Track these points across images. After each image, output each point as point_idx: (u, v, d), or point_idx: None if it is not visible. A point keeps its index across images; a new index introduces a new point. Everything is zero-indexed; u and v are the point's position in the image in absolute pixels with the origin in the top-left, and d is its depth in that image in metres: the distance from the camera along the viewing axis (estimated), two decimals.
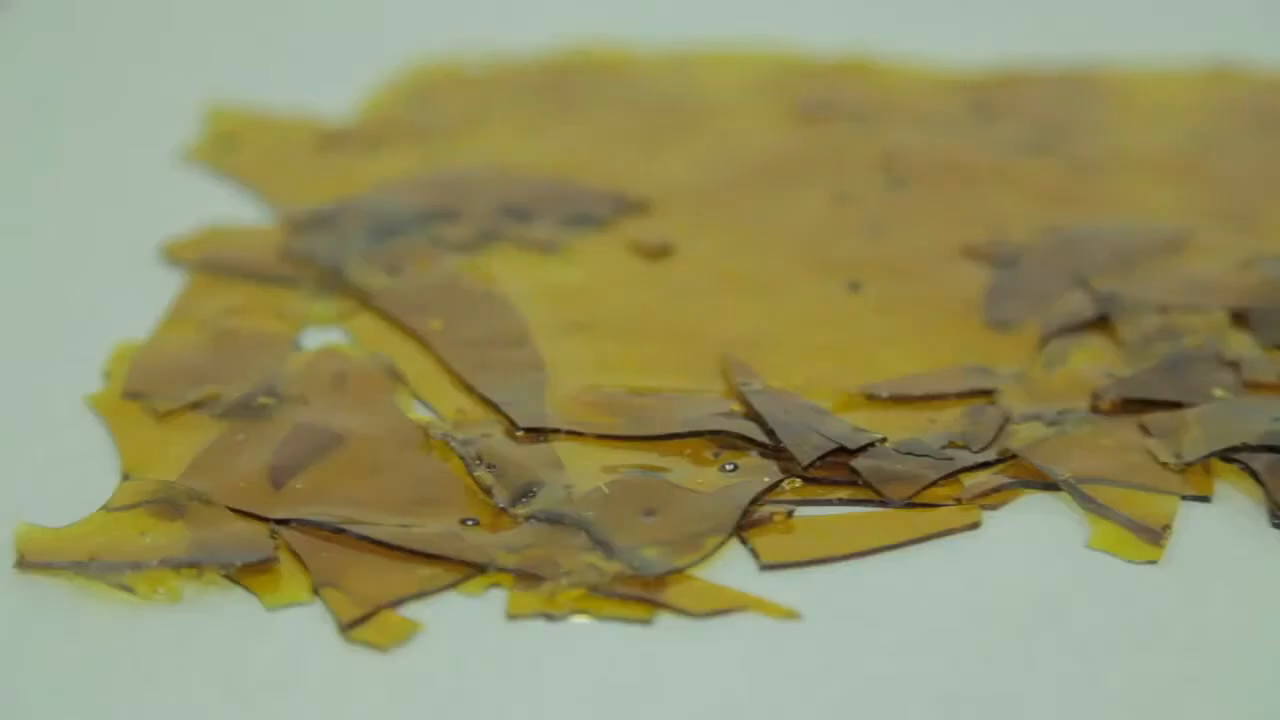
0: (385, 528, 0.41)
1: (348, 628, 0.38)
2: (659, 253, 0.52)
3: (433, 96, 0.61)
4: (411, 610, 0.39)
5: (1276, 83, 0.60)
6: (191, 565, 0.39)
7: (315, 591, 0.39)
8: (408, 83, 0.62)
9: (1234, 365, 0.45)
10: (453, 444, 0.43)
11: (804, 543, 0.40)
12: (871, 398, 0.45)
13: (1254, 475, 0.42)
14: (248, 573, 0.40)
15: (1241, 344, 0.46)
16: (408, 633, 0.38)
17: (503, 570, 0.40)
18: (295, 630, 0.38)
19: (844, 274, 0.50)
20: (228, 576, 0.39)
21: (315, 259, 0.51)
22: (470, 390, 0.45)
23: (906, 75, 0.62)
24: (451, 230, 0.52)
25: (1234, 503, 0.41)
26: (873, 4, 0.68)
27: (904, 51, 0.63)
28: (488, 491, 0.42)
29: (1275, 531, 0.40)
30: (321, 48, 0.65)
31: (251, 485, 0.42)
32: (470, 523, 0.41)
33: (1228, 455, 0.42)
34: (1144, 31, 0.65)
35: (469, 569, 0.40)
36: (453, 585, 0.39)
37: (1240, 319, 0.47)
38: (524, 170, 0.56)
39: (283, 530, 0.41)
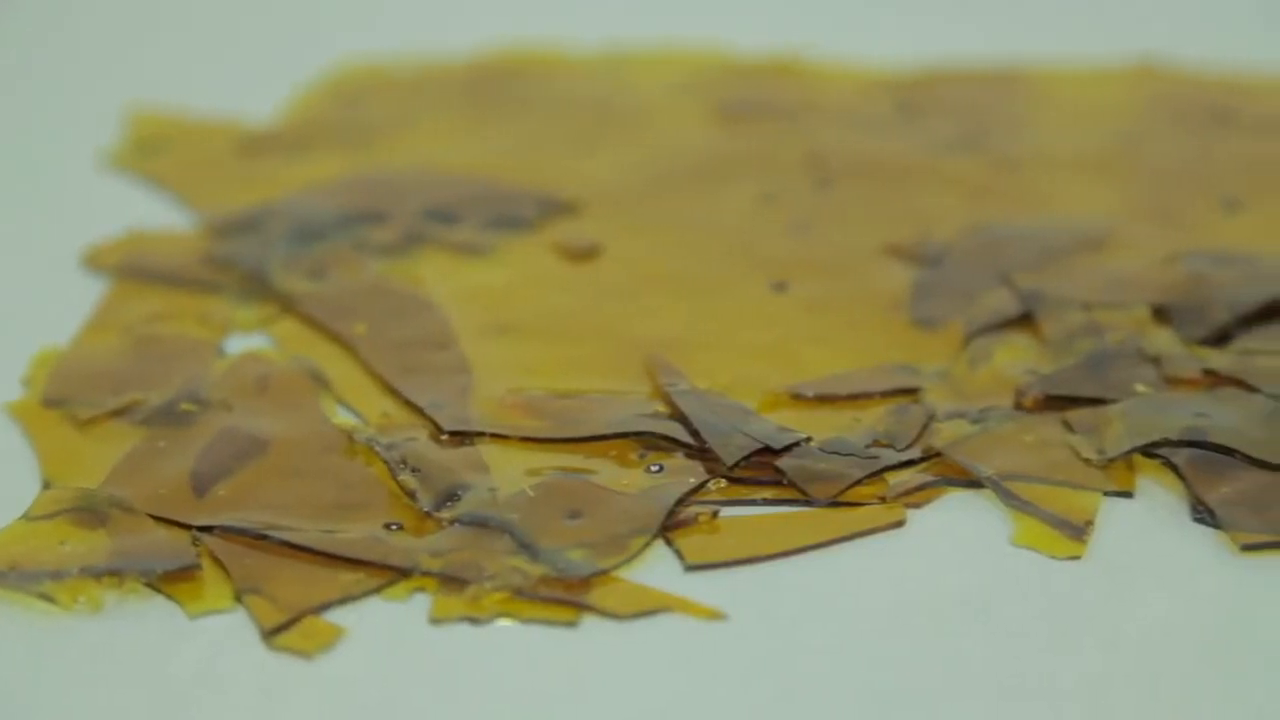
0: (308, 533, 0.40)
1: (271, 634, 0.38)
2: (586, 254, 0.52)
3: (358, 99, 0.61)
4: (335, 616, 0.39)
5: (1198, 80, 0.60)
6: (112, 573, 0.39)
7: (238, 598, 0.39)
8: (333, 85, 0.62)
9: (1156, 361, 0.45)
10: (377, 448, 0.43)
11: (729, 543, 0.40)
12: (797, 397, 0.45)
13: (1175, 470, 0.42)
14: (169, 580, 0.39)
15: (1163, 340, 0.46)
16: (331, 638, 0.38)
17: (427, 574, 0.39)
18: (218, 637, 0.38)
19: (770, 273, 0.50)
20: (149, 584, 0.39)
21: (238, 264, 0.50)
22: (395, 394, 0.45)
23: (833, 75, 0.62)
24: (376, 233, 0.52)
25: (1156, 497, 0.42)
26: (800, 5, 0.68)
27: (831, 52, 0.63)
28: (412, 495, 0.42)
29: (1196, 526, 0.41)
30: (246, 51, 0.65)
31: (173, 492, 0.42)
32: (394, 527, 0.41)
33: (1149, 450, 0.42)
34: (1068, 30, 0.65)
35: (393, 573, 0.39)
36: (377, 590, 0.39)
37: (1162, 315, 0.47)
38: (450, 172, 0.56)
39: (205, 537, 0.40)
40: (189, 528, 0.41)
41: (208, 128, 0.59)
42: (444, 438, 0.43)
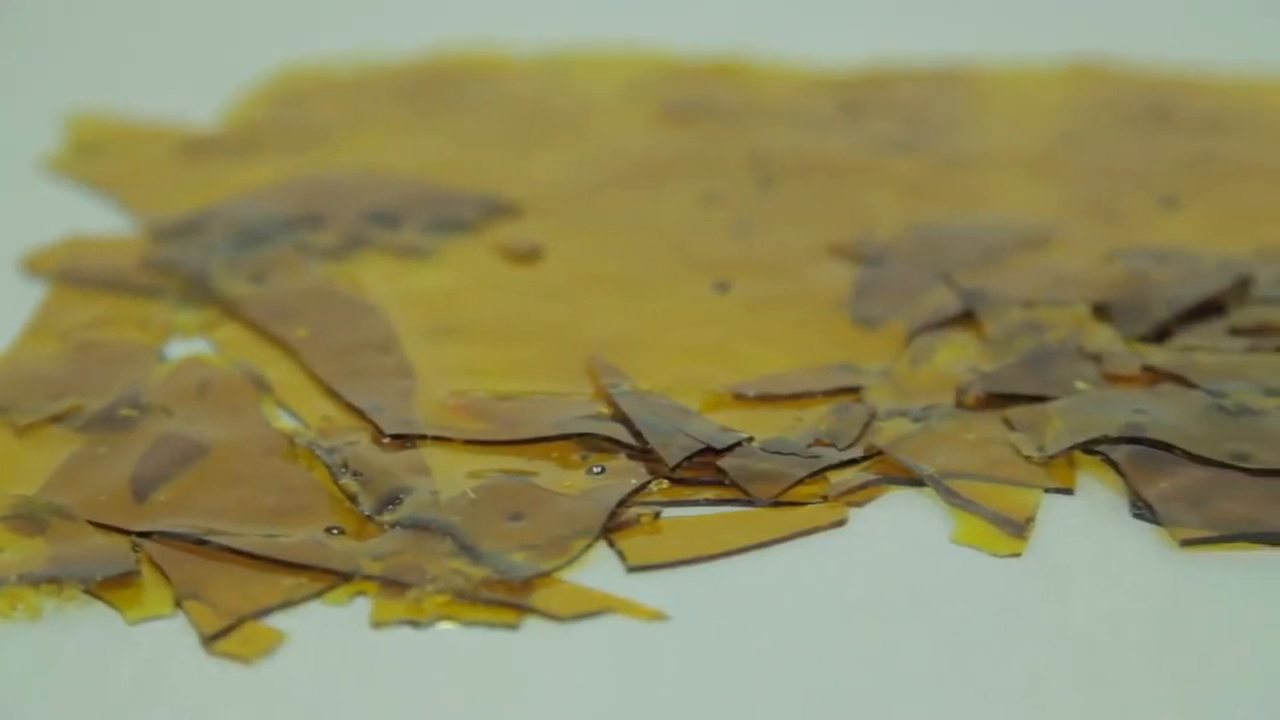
0: (249, 538, 0.40)
1: (211, 640, 0.38)
2: (527, 255, 0.52)
3: (300, 102, 0.61)
4: (276, 620, 0.38)
5: (1137, 79, 0.61)
6: (51, 580, 0.39)
7: (178, 604, 0.39)
8: (275, 89, 0.62)
9: (1096, 358, 0.45)
10: (318, 452, 0.43)
11: (671, 543, 0.40)
12: (739, 397, 0.45)
13: (1115, 467, 0.42)
14: (109, 587, 0.39)
15: (1103, 337, 0.46)
16: (272, 643, 0.38)
17: (368, 578, 0.39)
18: (158, 644, 0.38)
19: (712, 273, 0.50)
20: (88, 591, 0.39)
21: (179, 268, 0.50)
22: (336, 397, 0.45)
23: (776, 75, 0.62)
24: (318, 237, 0.52)
25: (1096, 494, 0.42)
26: (743, 5, 0.68)
27: (774, 52, 0.63)
28: (353, 499, 0.41)
29: (1136, 522, 0.41)
30: (187, 54, 0.64)
31: (113, 498, 0.41)
32: (336, 531, 0.41)
33: (1089, 447, 0.42)
34: (1009, 30, 0.65)
35: (334, 577, 0.39)
36: (318, 594, 0.39)
37: (1102, 312, 0.47)
38: (392, 175, 0.56)
39: (145, 543, 0.40)
40: (129, 534, 0.40)
41: (149, 131, 0.59)
42: (386, 441, 0.43)
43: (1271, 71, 0.61)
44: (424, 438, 0.43)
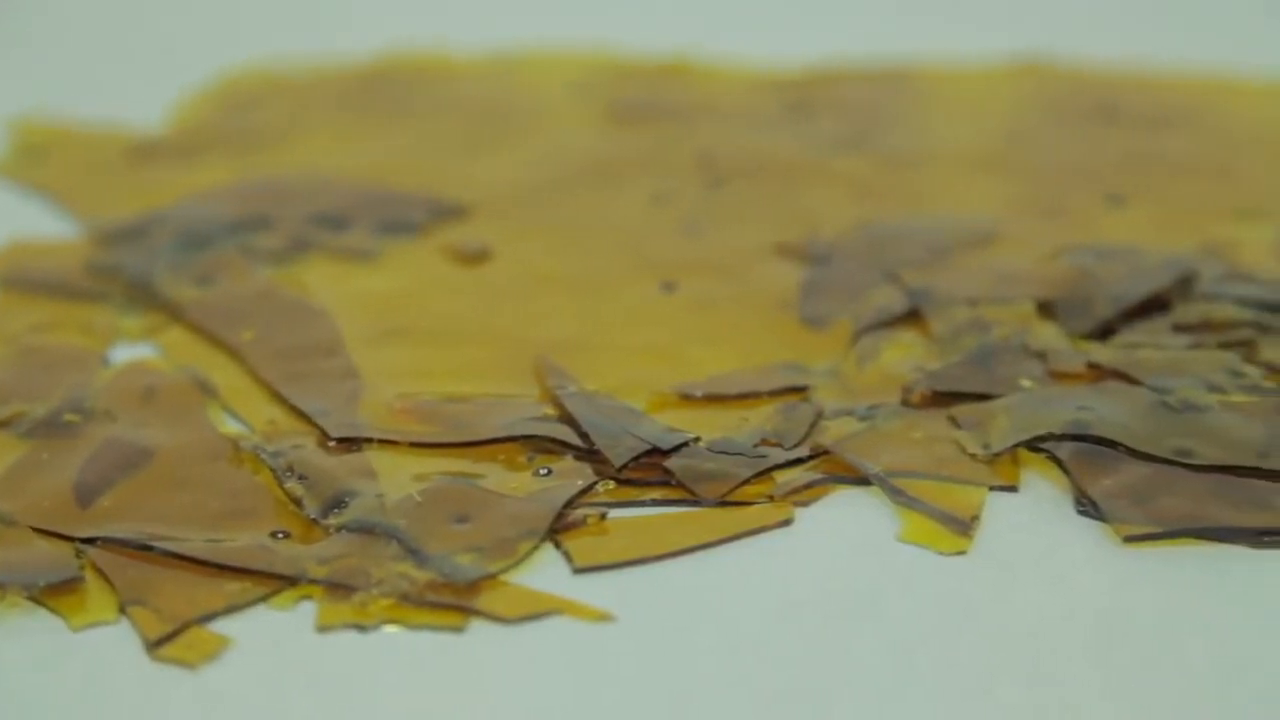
0: (193, 543, 0.40)
1: (155, 645, 0.38)
2: (475, 257, 0.51)
3: (248, 105, 0.61)
4: (220, 625, 0.38)
5: (1083, 76, 0.61)
6: None
7: (122, 610, 0.39)
8: (222, 92, 0.61)
9: (1041, 356, 0.45)
10: (263, 456, 0.43)
11: (618, 544, 0.40)
12: (686, 397, 0.45)
13: (1060, 464, 0.42)
14: (52, 593, 0.39)
15: (1048, 334, 0.46)
16: (216, 648, 0.38)
17: (313, 582, 0.39)
18: (102, 650, 0.38)
19: (660, 274, 0.50)
20: (31, 598, 0.39)
21: (124, 272, 0.50)
22: (282, 401, 0.45)
23: (724, 76, 0.62)
24: (264, 240, 0.52)
25: (1041, 491, 0.42)
26: (691, 6, 0.68)
27: (722, 52, 0.63)
28: (298, 503, 0.41)
29: (1081, 519, 0.41)
30: (134, 57, 0.64)
31: (57, 504, 0.41)
32: (281, 535, 0.41)
33: (1034, 445, 0.43)
34: (955, 29, 0.65)
35: (279, 582, 0.39)
36: (263, 599, 0.39)
37: (1047, 310, 0.47)
38: (339, 177, 0.55)
39: (89, 549, 0.40)
40: (72, 540, 0.40)
41: (94, 135, 0.58)
42: (331, 444, 0.43)
43: (1214, 69, 0.61)
44: (370, 441, 0.43)
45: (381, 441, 0.43)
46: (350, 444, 0.43)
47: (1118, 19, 0.66)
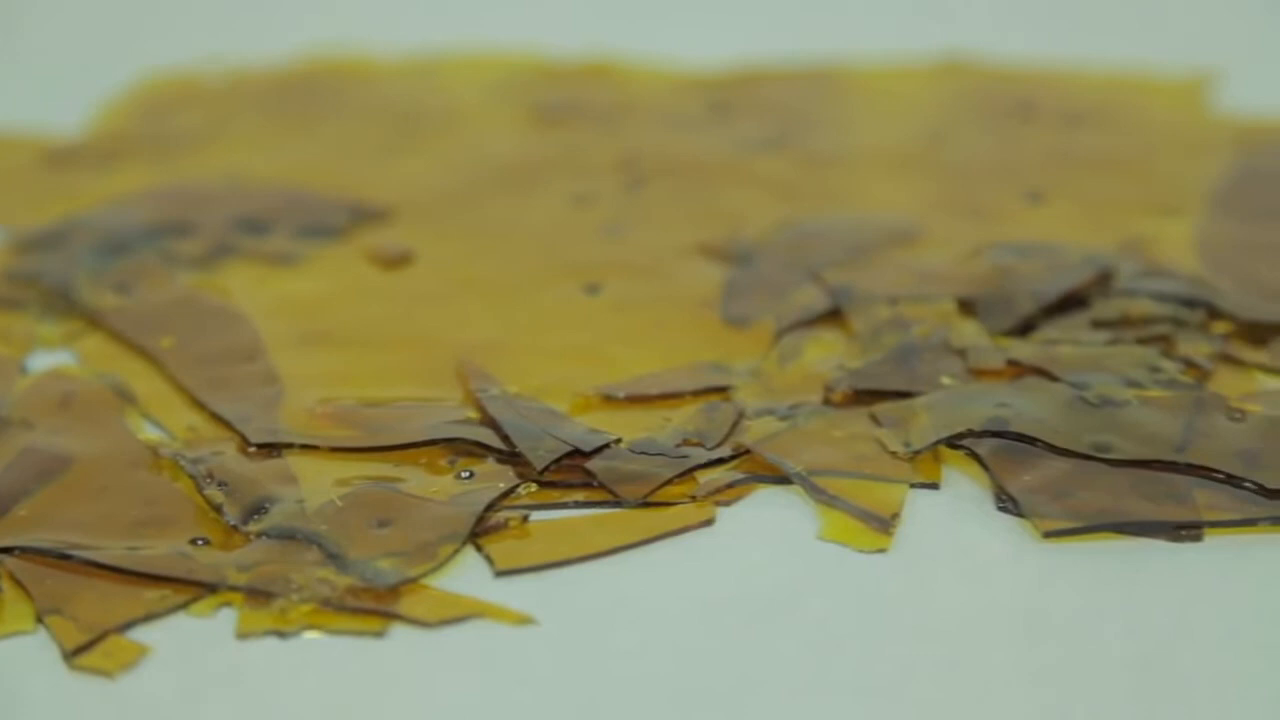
0: (112, 551, 0.40)
1: (73, 655, 0.37)
2: (397, 261, 0.51)
3: (167, 110, 0.60)
4: (139, 634, 0.38)
5: (1004, 75, 0.61)
6: None
7: (39, 620, 0.38)
8: (141, 97, 0.61)
9: (961, 353, 0.46)
10: (182, 463, 0.42)
11: (539, 547, 0.40)
12: (608, 399, 0.45)
13: (979, 461, 0.42)
14: None
15: (969, 332, 0.47)
16: (134, 657, 0.37)
17: (233, 589, 0.39)
18: (19, 660, 0.37)
19: (582, 276, 0.50)
20: None
21: (42, 279, 0.50)
22: (202, 408, 0.45)
23: (646, 76, 0.62)
24: (184, 245, 0.52)
25: (961, 488, 0.42)
26: (612, 6, 0.68)
27: (643, 52, 0.63)
28: (218, 510, 0.41)
29: (1001, 515, 0.41)
30: (51, 63, 0.64)
31: None
32: (201, 542, 0.40)
33: (954, 442, 0.43)
34: (876, 28, 0.66)
35: (198, 589, 0.39)
36: (182, 607, 0.39)
37: (968, 307, 0.48)
38: (260, 182, 0.55)
39: (5, 559, 0.40)
40: None
41: (11, 141, 0.58)
42: (252, 450, 0.43)
43: (1131, 67, 0.61)
44: (290, 446, 0.43)
45: (302, 447, 0.43)
46: (271, 450, 0.43)
47: (1035, 16, 0.66)
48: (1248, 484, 0.41)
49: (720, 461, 0.43)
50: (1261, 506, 0.41)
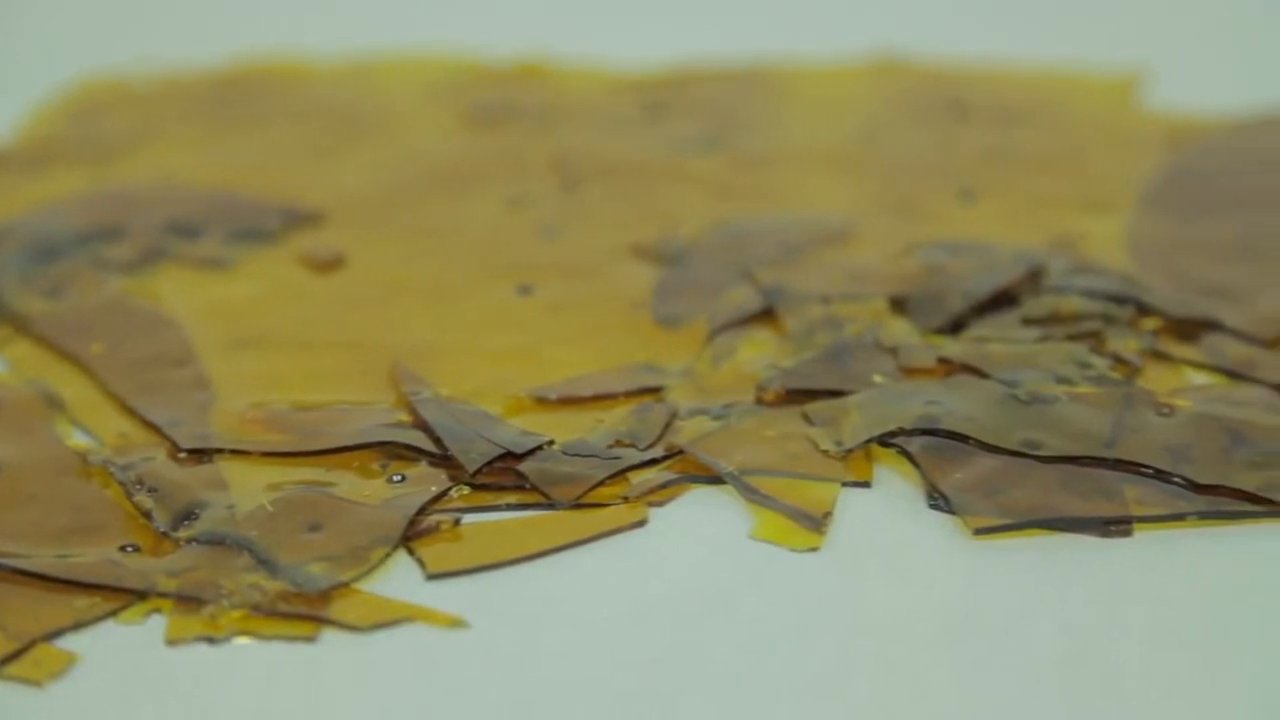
0: (40, 559, 0.39)
1: (1, 664, 0.37)
2: (330, 264, 0.51)
3: (99, 114, 0.60)
4: (68, 642, 0.38)
5: (936, 74, 0.62)
6: None
7: None
8: (72, 101, 0.61)
9: (893, 351, 0.46)
10: (112, 469, 0.42)
11: (471, 550, 0.40)
12: (541, 400, 0.45)
13: (910, 459, 0.42)
14: None
15: (900, 330, 0.47)
16: (63, 665, 0.37)
17: (163, 595, 0.39)
18: None
19: (516, 277, 0.50)
20: None
21: None
22: (132, 413, 0.45)
23: (579, 77, 0.62)
24: (115, 250, 0.51)
25: (893, 486, 0.42)
26: (546, 7, 0.68)
27: (577, 54, 0.63)
28: (147, 516, 0.41)
29: (932, 513, 0.41)
30: None
31: None
32: (130, 549, 0.40)
33: (886, 440, 0.43)
34: (808, 28, 0.66)
35: (128, 596, 0.39)
36: (111, 614, 0.38)
37: (899, 306, 0.48)
38: (192, 186, 0.55)
39: None
40: None
41: None
42: (182, 456, 0.43)
43: (1061, 65, 0.62)
44: (221, 451, 0.43)
45: (233, 452, 0.43)
46: (202, 455, 0.43)
47: (968, 14, 0.67)
48: (1176, 479, 0.41)
49: (653, 462, 0.43)
50: (1190, 501, 0.41)
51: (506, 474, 0.42)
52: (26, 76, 0.61)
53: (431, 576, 0.40)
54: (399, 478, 0.42)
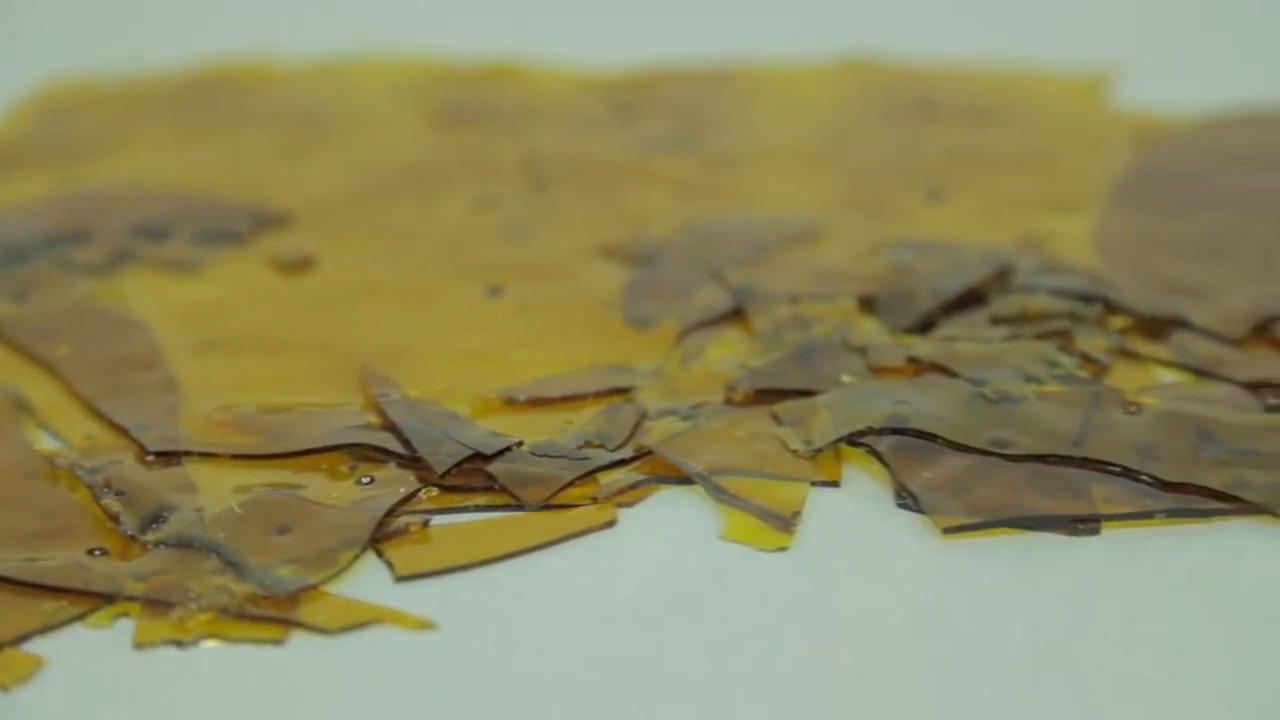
0: (7, 562, 0.39)
1: None
2: (299, 266, 0.51)
3: (66, 116, 0.60)
4: (35, 646, 0.38)
5: (903, 73, 0.62)
6: None
7: None
8: (39, 102, 0.60)
9: (862, 351, 0.46)
10: (79, 473, 0.42)
11: (440, 551, 0.40)
12: (510, 401, 0.45)
13: (879, 458, 0.42)
14: None
15: (869, 330, 0.47)
16: (30, 669, 0.37)
17: (130, 599, 0.39)
18: None
19: (485, 279, 0.50)
20: None
21: None
22: (100, 416, 0.44)
23: (549, 78, 0.62)
24: (83, 252, 0.51)
25: (862, 485, 0.42)
26: (516, 8, 0.68)
27: (546, 54, 0.63)
28: (115, 519, 0.41)
29: (902, 512, 0.41)
30: None
31: None
32: (98, 553, 0.40)
33: (855, 439, 0.43)
34: (777, 28, 0.66)
35: (96, 600, 0.39)
36: (79, 618, 0.38)
37: (868, 305, 0.48)
38: (160, 188, 0.55)
39: None
40: None
41: None
42: (150, 459, 0.43)
43: (1028, 64, 0.62)
44: (189, 454, 0.43)
45: (201, 454, 0.43)
46: (170, 458, 0.43)
47: (936, 14, 0.67)
48: (1144, 477, 0.41)
49: (622, 463, 0.43)
50: (1158, 499, 0.41)
51: (475, 475, 0.42)
52: None
53: (400, 578, 0.40)
54: (368, 479, 0.42)
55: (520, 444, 0.43)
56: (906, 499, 0.41)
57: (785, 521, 0.41)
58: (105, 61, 0.63)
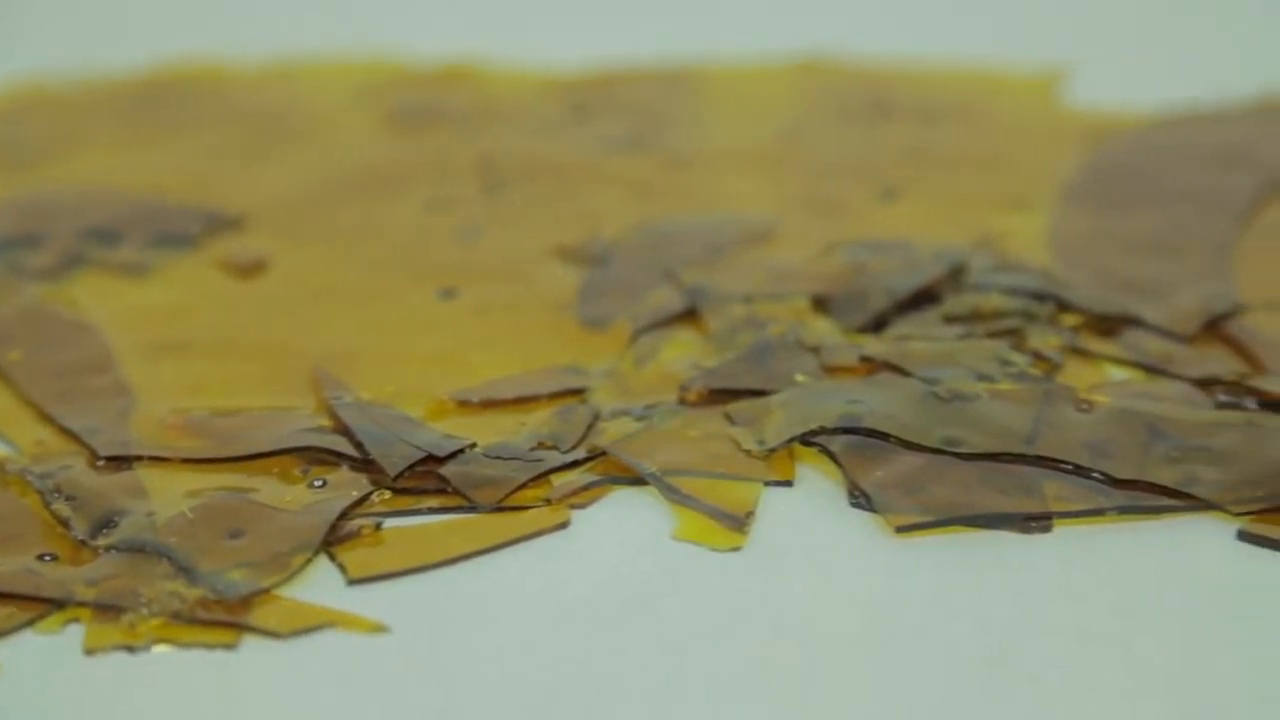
0: None
1: None
2: (251, 269, 0.51)
3: (17, 119, 0.60)
4: None
5: (859, 73, 0.62)
6: None
7: None
8: None
9: (815, 350, 0.46)
10: (29, 478, 0.42)
11: (393, 554, 0.40)
12: (463, 403, 0.45)
13: (832, 457, 0.42)
14: None
15: (822, 329, 0.47)
16: None
17: (81, 604, 0.38)
18: None
19: (439, 280, 0.50)
20: None
21: None
22: (51, 421, 0.44)
23: (507, 79, 0.62)
24: (34, 257, 0.51)
25: (815, 485, 0.42)
26: (471, 9, 0.68)
27: (502, 55, 0.63)
28: (65, 524, 0.40)
29: (855, 511, 0.41)
30: None
31: None
32: (48, 558, 0.40)
33: (808, 439, 0.43)
34: (734, 28, 0.66)
35: (46, 605, 0.38)
36: (28, 624, 0.38)
37: (822, 304, 0.48)
38: (112, 191, 0.55)
39: None
40: None
41: None
42: (101, 464, 0.42)
43: (982, 64, 0.62)
44: (141, 458, 0.43)
45: (153, 459, 0.43)
46: (121, 462, 0.42)
47: (891, 13, 0.67)
48: (1095, 474, 0.42)
49: (575, 464, 0.43)
50: (1109, 496, 0.41)
51: (428, 477, 0.42)
52: None
53: (353, 581, 0.39)
54: (320, 483, 0.42)
55: (473, 446, 0.43)
56: (859, 498, 0.41)
57: (738, 521, 0.41)
58: (60, 64, 0.62)
